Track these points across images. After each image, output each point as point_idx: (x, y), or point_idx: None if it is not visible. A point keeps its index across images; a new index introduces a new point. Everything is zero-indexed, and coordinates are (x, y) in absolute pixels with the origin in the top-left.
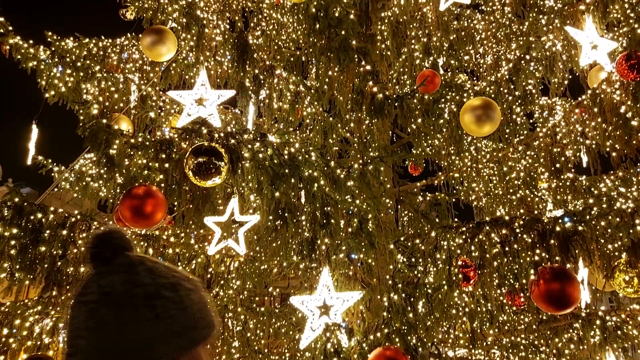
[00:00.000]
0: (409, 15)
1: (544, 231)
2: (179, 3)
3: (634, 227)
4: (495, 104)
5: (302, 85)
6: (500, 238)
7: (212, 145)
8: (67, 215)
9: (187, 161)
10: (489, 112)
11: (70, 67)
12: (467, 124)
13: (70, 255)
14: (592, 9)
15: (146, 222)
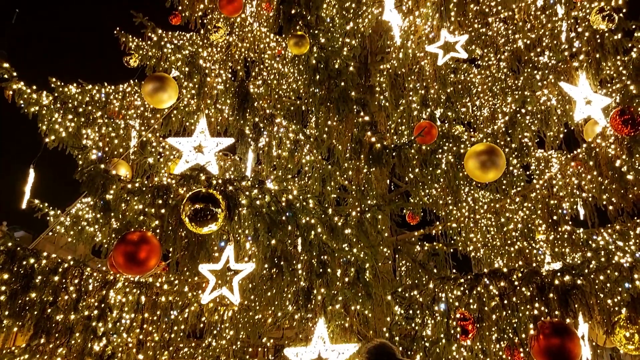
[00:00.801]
0: (407, 68)
1: (543, 284)
2: (182, 52)
3: (633, 282)
4: (500, 150)
5: (302, 133)
6: (499, 290)
7: (210, 192)
8: (60, 260)
9: (184, 207)
10: (493, 158)
11: (72, 113)
12: (471, 170)
13: (60, 302)
14: (586, 66)
15: (140, 268)
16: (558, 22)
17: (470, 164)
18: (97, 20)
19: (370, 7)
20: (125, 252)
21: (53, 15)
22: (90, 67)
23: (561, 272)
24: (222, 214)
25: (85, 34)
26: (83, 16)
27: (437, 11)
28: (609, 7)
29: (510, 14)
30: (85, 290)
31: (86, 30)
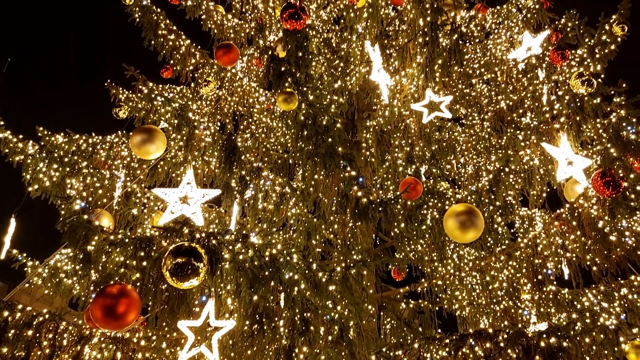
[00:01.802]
0: (393, 125)
1: (529, 346)
2: (171, 105)
3: (619, 344)
4: (478, 211)
5: (288, 186)
6: (485, 352)
7: (192, 246)
8: (35, 314)
9: (166, 261)
10: (472, 219)
11: (57, 162)
12: (450, 230)
13: (33, 357)
14: (567, 128)
15: (118, 323)
16: (539, 85)
17: (449, 224)
18: (89, 71)
19: (358, 66)
20: (104, 306)
21: (45, 65)
22: (80, 117)
23: (547, 334)
24: (204, 268)
25: (77, 85)
26: (75, 66)
27: (423, 72)
28: (588, 72)
29: (493, 76)
30: (60, 346)
31: (78, 80)
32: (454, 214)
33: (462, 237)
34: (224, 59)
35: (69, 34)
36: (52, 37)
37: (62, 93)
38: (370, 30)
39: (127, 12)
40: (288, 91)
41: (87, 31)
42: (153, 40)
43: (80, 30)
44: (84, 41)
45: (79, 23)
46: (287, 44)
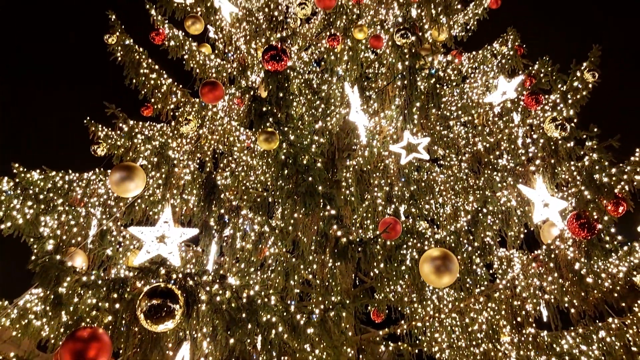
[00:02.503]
0: (372, 165)
1: None
2: (151, 143)
3: None
4: (453, 255)
5: (267, 225)
6: None
7: (168, 287)
8: (2, 357)
9: (140, 303)
10: (447, 264)
11: (32, 199)
12: (426, 275)
13: None
14: (542, 170)
15: None
16: (515, 128)
17: (425, 269)
18: (68, 108)
19: (338, 107)
20: (74, 350)
21: (23, 100)
22: (57, 154)
23: None
24: (180, 310)
25: (56, 121)
26: (54, 103)
27: (401, 114)
28: (561, 117)
29: (470, 118)
30: None
31: (57, 117)
32: (429, 258)
33: (437, 281)
34: (209, 96)
35: (48, 70)
36: (31, 73)
37: (40, 129)
38: (350, 73)
39: (109, 51)
40: (269, 131)
41: (67, 67)
42: (135, 79)
43: (60, 66)
44: (63, 77)
45: (58, 59)
46: (269, 84)
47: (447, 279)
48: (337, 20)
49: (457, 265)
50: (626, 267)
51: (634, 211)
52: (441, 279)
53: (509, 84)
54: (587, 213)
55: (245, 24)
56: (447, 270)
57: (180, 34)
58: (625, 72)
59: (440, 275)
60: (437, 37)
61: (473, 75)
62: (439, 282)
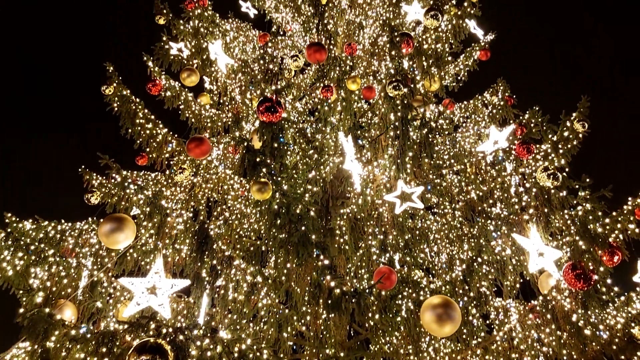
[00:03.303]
0: (366, 213)
1: None
2: (144, 193)
3: None
4: (455, 303)
5: (260, 275)
6: None
7: (158, 342)
8: None
9: (129, 358)
10: (449, 312)
11: (23, 250)
12: (427, 323)
13: None
14: (536, 220)
15: None
16: (507, 177)
17: (426, 317)
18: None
19: (332, 156)
20: None
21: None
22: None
23: None
24: None
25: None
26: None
27: (394, 163)
28: (553, 166)
29: (463, 167)
30: None
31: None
32: (430, 306)
33: (439, 330)
34: (196, 151)
35: (42, 118)
36: (26, 120)
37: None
38: (344, 122)
39: (106, 102)
40: (262, 181)
41: (62, 115)
42: (130, 129)
43: (55, 114)
44: (58, 125)
45: (52, 107)
46: (263, 135)
47: (449, 328)
48: (330, 71)
49: (459, 313)
50: (624, 318)
51: (629, 260)
52: (443, 327)
53: (501, 133)
54: (583, 263)
55: (240, 75)
56: (450, 319)
57: (176, 85)
58: (615, 122)
59: (442, 324)
60: (428, 88)
61: (465, 125)
62: (441, 331)
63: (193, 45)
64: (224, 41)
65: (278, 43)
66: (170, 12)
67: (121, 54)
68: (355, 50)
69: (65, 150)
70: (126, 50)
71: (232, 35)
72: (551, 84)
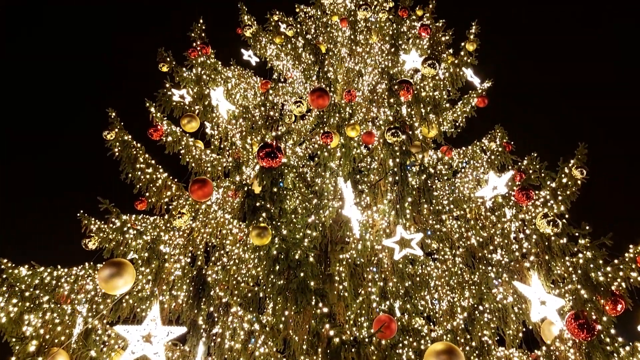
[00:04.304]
0: (366, 258)
1: None
2: (143, 238)
3: None
4: (459, 350)
5: (257, 322)
6: None
7: None
8: None
9: None
10: (453, 359)
11: (17, 297)
12: None
13: None
14: (537, 267)
15: None
16: (507, 222)
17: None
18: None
19: (331, 200)
20: None
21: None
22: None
23: None
24: None
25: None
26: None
27: (393, 208)
28: (553, 213)
29: (462, 213)
30: None
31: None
32: (433, 353)
33: None
34: (199, 193)
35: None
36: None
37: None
38: (344, 168)
39: (107, 147)
40: (262, 226)
41: (60, 160)
42: (131, 174)
43: (53, 159)
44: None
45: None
46: (263, 180)
47: None
48: (330, 118)
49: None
50: None
51: (632, 309)
52: None
53: (500, 179)
54: (586, 313)
55: (241, 121)
56: None
57: (177, 130)
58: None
59: None
60: (427, 134)
61: (464, 170)
62: None
63: (195, 92)
64: (226, 88)
65: (279, 90)
66: (173, 60)
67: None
68: (354, 97)
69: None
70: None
71: (234, 82)
72: (549, 130)
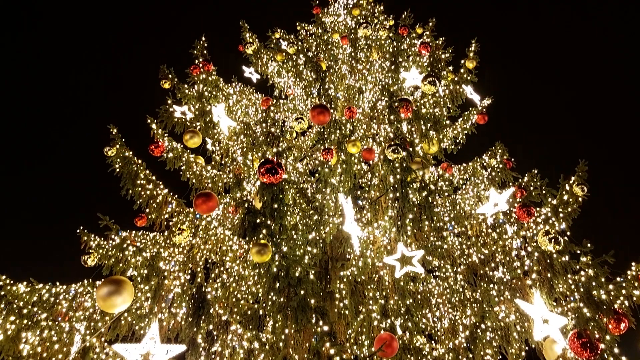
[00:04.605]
0: (367, 276)
1: None
2: (142, 255)
3: None
4: None
5: (257, 341)
6: None
7: None
8: None
9: None
10: None
11: (15, 314)
12: None
13: None
14: (539, 285)
15: None
16: (509, 240)
17: None
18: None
19: (331, 217)
20: None
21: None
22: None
23: None
24: None
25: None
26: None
27: (394, 225)
28: (554, 230)
29: (463, 229)
30: None
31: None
32: None
33: None
34: (203, 207)
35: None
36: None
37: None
38: (344, 184)
39: (108, 163)
40: (262, 243)
41: (60, 176)
42: (131, 190)
43: (53, 174)
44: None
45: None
46: (263, 196)
47: None
48: (331, 134)
49: None
50: None
51: (636, 327)
52: None
53: (500, 195)
54: (589, 332)
55: (242, 137)
56: None
57: (178, 146)
58: (614, 186)
59: None
60: (427, 150)
61: (464, 187)
62: None
63: (197, 108)
64: (227, 104)
65: (280, 106)
66: (175, 77)
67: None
68: (355, 113)
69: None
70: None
71: (235, 98)
72: (550, 147)
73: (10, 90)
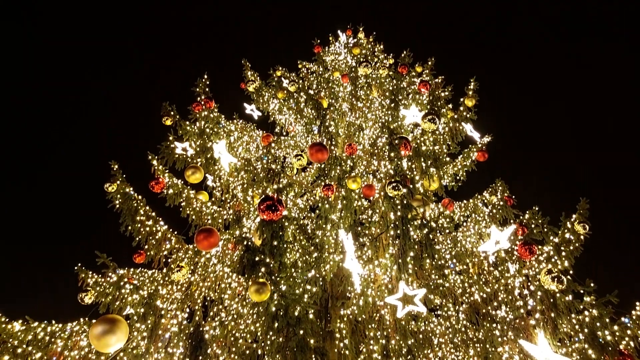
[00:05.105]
0: (367, 315)
1: None
2: (140, 293)
3: None
4: None
5: None
6: None
7: None
8: None
9: None
10: None
11: (9, 353)
12: None
13: None
14: (543, 325)
15: None
16: (511, 278)
17: None
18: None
19: (332, 254)
20: None
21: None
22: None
23: None
24: None
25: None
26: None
27: (395, 263)
28: (557, 269)
29: (465, 267)
30: None
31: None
32: None
33: None
34: (204, 243)
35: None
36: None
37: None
38: (345, 220)
39: (108, 199)
40: (261, 282)
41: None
42: (130, 226)
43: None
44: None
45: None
46: (263, 233)
47: None
48: (331, 170)
49: None
50: None
51: None
52: None
53: (502, 233)
54: None
55: (243, 173)
56: None
57: (179, 183)
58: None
59: None
60: (428, 187)
61: (465, 224)
62: None
63: (198, 145)
64: (228, 141)
65: (281, 143)
66: (177, 113)
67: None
68: (355, 150)
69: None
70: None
71: (237, 135)
72: (550, 184)
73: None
